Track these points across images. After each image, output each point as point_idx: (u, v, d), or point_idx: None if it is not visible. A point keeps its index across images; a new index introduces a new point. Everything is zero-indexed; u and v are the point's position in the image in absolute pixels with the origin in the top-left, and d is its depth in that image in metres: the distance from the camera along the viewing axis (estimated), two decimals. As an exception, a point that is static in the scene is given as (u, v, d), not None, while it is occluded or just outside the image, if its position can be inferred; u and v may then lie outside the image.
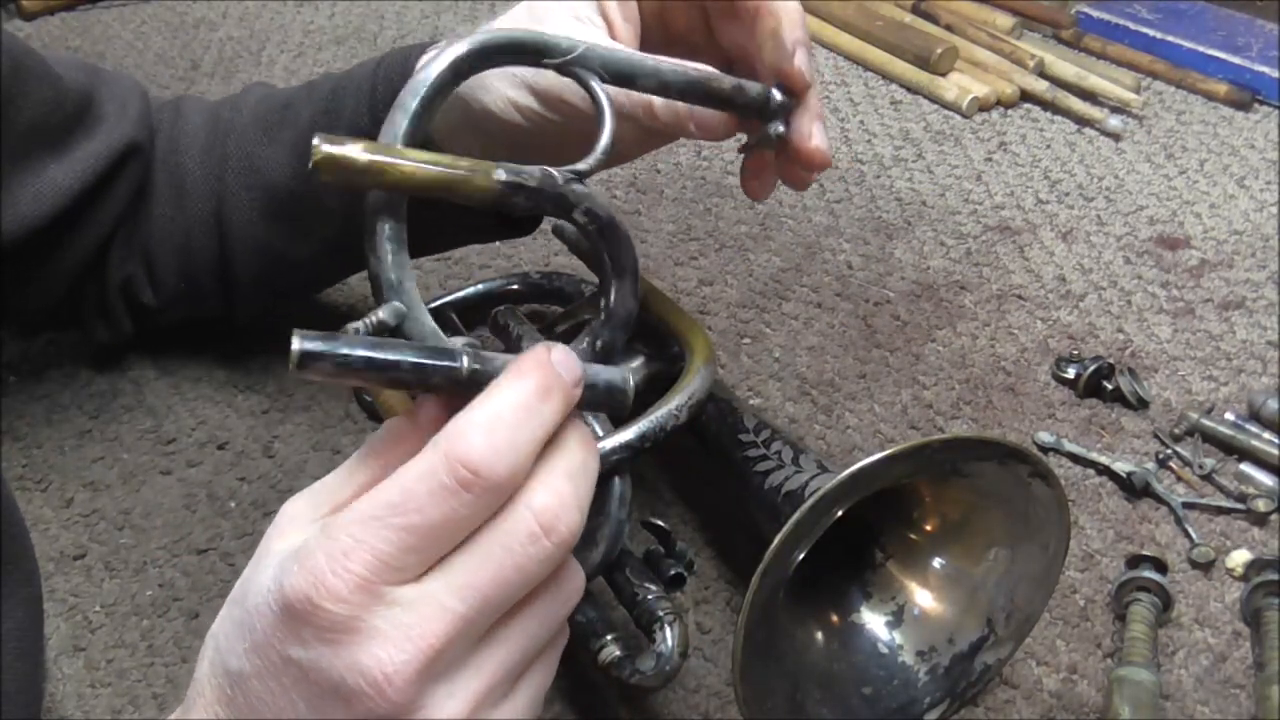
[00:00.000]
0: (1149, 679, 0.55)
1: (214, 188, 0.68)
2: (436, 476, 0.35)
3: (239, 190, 0.68)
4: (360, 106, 0.64)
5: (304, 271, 0.71)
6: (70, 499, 0.67)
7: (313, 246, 0.68)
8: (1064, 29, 1.19)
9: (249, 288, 0.71)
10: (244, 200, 0.68)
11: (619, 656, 0.50)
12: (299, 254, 0.69)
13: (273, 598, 0.35)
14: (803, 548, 0.48)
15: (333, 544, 0.35)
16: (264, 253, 0.69)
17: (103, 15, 1.25)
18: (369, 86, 0.64)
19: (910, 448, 0.47)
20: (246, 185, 0.68)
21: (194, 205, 0.69)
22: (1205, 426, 0.71)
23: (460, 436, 0.36)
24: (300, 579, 0.35)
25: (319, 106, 0.66)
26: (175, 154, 0.70)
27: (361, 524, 0.35)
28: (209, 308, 0.72)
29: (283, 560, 0.36)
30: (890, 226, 0.91)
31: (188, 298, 0.71)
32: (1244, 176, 0.98)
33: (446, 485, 0.35)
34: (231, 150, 0.68)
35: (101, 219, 0.68)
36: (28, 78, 0.63)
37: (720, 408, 0.60)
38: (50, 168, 0.65)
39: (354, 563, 0.35)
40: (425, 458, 0.36)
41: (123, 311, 0.72)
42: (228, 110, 0.70)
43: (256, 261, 0.69)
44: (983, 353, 0.78)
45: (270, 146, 0.67)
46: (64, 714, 0.56)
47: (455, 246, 0.78)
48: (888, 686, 0.54)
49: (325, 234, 0.67)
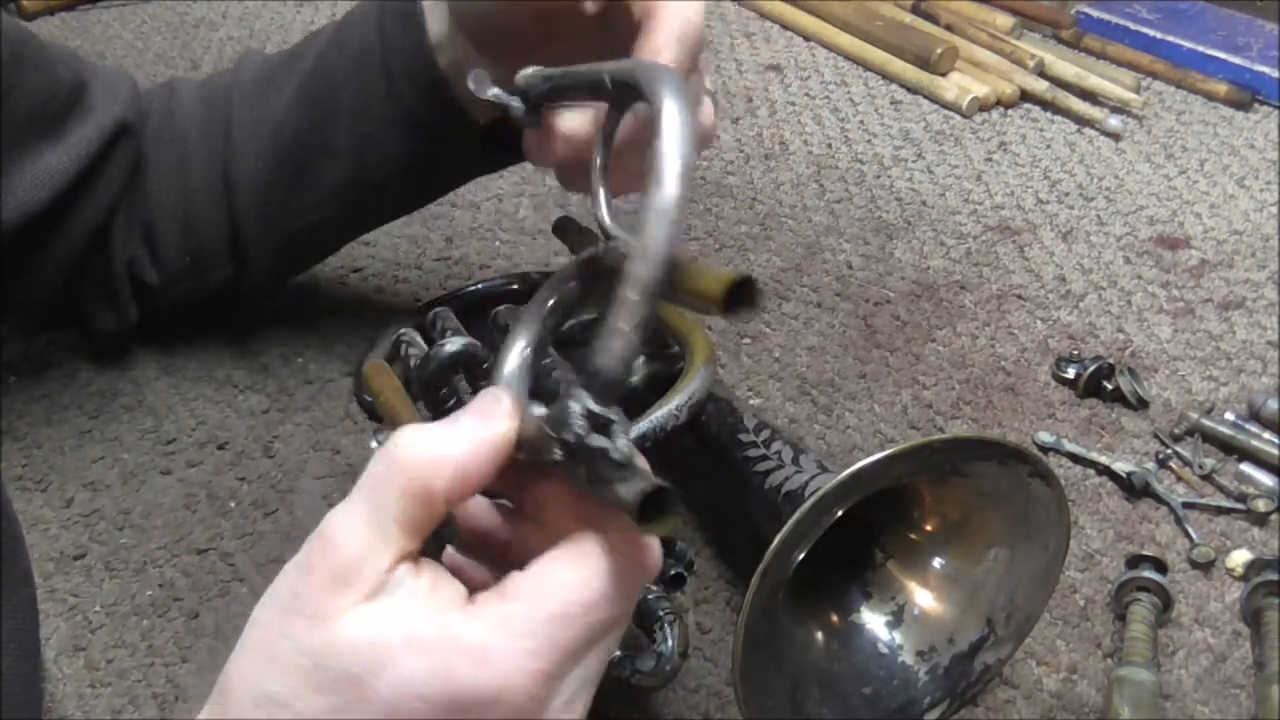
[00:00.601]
0: (1149, 679, 0.55)
1: (218, 152, 0.69)
2: (630, 585, 0.37)
3: (245, 145, 0.68)
4: (368, 31, 0.65)
5: (313, 224, 0.71)
6: (70, 499, 0.67)
7: (321, 193, 0.69)
8: (1064, 29, 1.19)
9: (258, 248, 0.71)
10: (250, 153, 0.68)
11: (619, 656, 0.50)
12: (308, 201, 0.69)
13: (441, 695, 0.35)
14: (803, 548, 0.48)
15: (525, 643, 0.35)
16: (273, 203, 0.69)
17: (103, 15, 1.25)
18: (377, 13, 0.65)
19: (910, 448, 0.47)
20: (253, 136, 0.68)
21: (196, 174, 0.69)
22: (1205, 426, 0.71)
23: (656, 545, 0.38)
24: (492, 683, 0.35)
25: (323, 43, 0.67)
26: (172, 127, 0.70)
27: (558, 625, 0.36)
28: (216, 279, 0.72)
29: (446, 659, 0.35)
30: (890, 226, 0.91)
31: (193, 270, 0.72)
32: (1244, 176, 0.98)
33: (633, 593, 0.37)
34: (236, 111, 0.69)
35: (98, 201, 0.69)
36: (25, 67, 0.65)
37: (720, 408, 0.60)
38: (46, 154, 0.66)
39: (545, 663, 0.35)
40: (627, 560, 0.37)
41: (128, 295, 0.72)
42: (225, 79, 0.71)
43: (265, 216, 0.70)
44: (983, 353, 0.78)
45: (276, 94, 0.68)
46: (64, 714, 0.56)
47: (453, 188, 0.77)
48: (888, 686, 0.54)
49: (334, 178, 0.68)
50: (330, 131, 0.67)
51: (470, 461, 0.37)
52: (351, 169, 0.67)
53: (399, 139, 0.66)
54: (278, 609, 0.37)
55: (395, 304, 0.82)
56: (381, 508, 0.37)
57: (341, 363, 0.76)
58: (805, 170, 0.98)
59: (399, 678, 0.35)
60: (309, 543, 0.38)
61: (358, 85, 0.65)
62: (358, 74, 0.65)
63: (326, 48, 0.67)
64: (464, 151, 0.67)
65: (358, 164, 0.67)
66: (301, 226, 0.70)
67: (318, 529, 0.38)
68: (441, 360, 0.61)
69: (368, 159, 0.67)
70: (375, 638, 0.36)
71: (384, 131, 0.66)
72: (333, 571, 0.36)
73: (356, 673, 0.35)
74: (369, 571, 0.36)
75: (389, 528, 0.37)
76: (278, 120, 0.68)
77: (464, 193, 0.93)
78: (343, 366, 0.76)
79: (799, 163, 0.99)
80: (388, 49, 0.64)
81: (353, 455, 0.69)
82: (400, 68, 0.64)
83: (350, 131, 0.66)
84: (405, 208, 0.76)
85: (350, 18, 0.67)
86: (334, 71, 0.66)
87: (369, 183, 0.68)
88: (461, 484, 0.37)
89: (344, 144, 0.66)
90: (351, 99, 0.66)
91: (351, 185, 0.68)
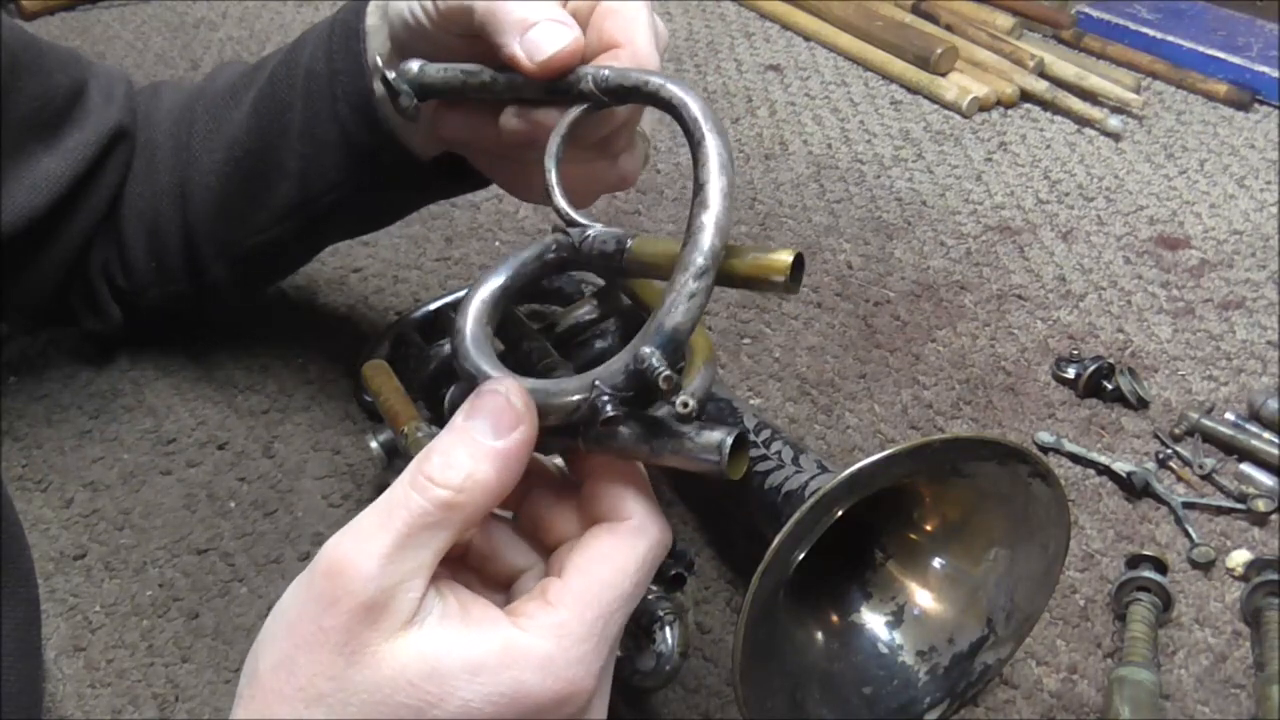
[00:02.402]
0: (1149, 679, 0.55)
1: (181, 157, 0.68)
2: (653, 564, 0.40)
3: (202, 154, 0.67)
4: (317, 51, 0.63)
5: (266, 242, 0.69)
6: (70, 499, 0.67)
7: (272, 212, 0.67)
8: (1064, 29, 1.19)
9: (212, 260, 0.70)
10: (205, 163, 0.67)
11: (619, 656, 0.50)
12: (260, 219, 0.67)
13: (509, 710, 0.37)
14: (803, 548, 0.48)
15: (582, 648, 0.38)
16: (224, 218, 0.68)
17: (103, 15, 1.25)
18: (325, 35, 0.64)
19: (910, 448, 0.47)
20: (209, 148, 0.67)
21: (162, 178, 0.69)
22: (1205, 426, 0.71)
23: (661, 520, 0.41)
24: (560, 689, 0.37)
25: (279, 59, 0.66)
26: (149, 130, 0.70)
27: (605, 620, 0.39)
28: (178, 289, 0.71)
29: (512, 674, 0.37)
30: (890, 226, 0.91)
31: (157, 278, 0.71)
32: (1244, 176, 0.98)
33: (655, 567, 0.41)
34: (199, 116, 0.68)
35: (94, 205, 0.69)
36: (22, 73, 0.64)
37: (720, 408, 0.60)
38: (44, 159, 0.66)
39: (601, 657, 0.38)
40: (645, 545, 0.40)
41: (107, 297, 0.72)
42: (202, 84, 0.71)
43: (217, 229, 0.68)
44: (983, 353, 0.78)
45: (235, 107, 0.67)
46: (64, 714, 0.56)
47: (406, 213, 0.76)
48: (888, 686, 0.54)
49: (284, 198, 0.66)
50: (281, 151, 0.65)
51: (501, 478, 0.39)
52: (300, 190, 0.65)
53: (342, 163, 0.64)
54: (298, 645, 0.37)
55: (395, 304, 0.82)
56: (415, 540, 0.37)
57: (341, 363, 0.76)
58: (805, 170, 0.98)
59: (464, 704, 0.36)
60: (319, 577, 0.37)
61: (305, 105, 0.63)
62: (306, 94, 0.63)
63: (279, 65, 0.65)
64: (407, 178, 0.65)
65: (304, 185, 0.65)
66: (255, 243, 0.68)
67: (324, 559, 0.37)
68: (441, 360, 0.61)
69: (314, 181, 0.65)
70: (430, 669, 0.36)
71: (328, 154, 0.64)
72: (364, 605, 0.36)
73: (417, 705, 0.36)
74: (403, 602, 0.37)
75: (422, 557, 0.37)
76: (233, 134, 0.66)
77: (464, 193, 0.93)
78: (343, 366, 0.76)
79: (799, 163, 0.99)
80: (332, 70, 0.62)
81: (353, 455, 0.69)
82: (342, 90, 0.62)
83: (298, 154, 0.64)
84: (359, 229, 0.75)
85: (305, 35, 0.66)
86: (285, 90, 0.64)
87: (316, 205, 0.65)
88: (495, 502, 0.39)
89: (292, 165, 0.64)
90: (300, 119, 0.63)
91: (300, 206, 0.66)
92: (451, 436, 0.39)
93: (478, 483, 0.38)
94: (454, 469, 0.38)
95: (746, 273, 0.41)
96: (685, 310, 0.39)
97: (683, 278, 0.39)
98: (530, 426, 0.39)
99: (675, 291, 0.39)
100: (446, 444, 0.39)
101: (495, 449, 0.38)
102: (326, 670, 0.36)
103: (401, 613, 0.37)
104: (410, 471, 0.38)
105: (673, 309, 0.39)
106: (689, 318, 0.39)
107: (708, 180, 0.40)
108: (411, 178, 0.65)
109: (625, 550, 0.40)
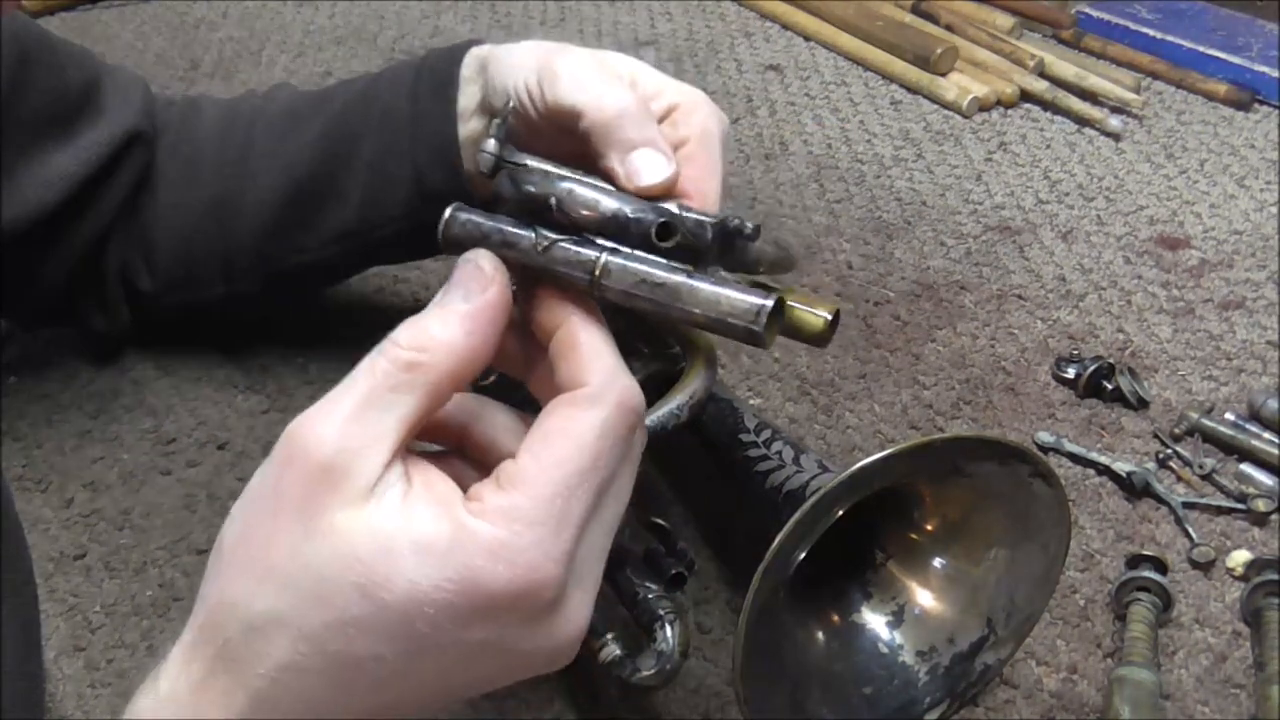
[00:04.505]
0: (1149, 679, 0.55)
1: (232, 175, 0.69)
2: (618, 432, 0.37)
3: (260, 174, 0.68)
4: (399, 88, 0.65)
5: (308, 263, 0.70)
6: (70, 499, 0.67)
7: (323, 236, 0.69)
8: (1064, 29, 1.19)
9: (249, 275, 0.71)
10: (264, 184, 0.68)
11: (619, 655, 0.50)
12: (309, 241, 0.69)
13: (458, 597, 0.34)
14: (803, 547, 0.48)
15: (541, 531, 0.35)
16: (274, 236, 0.69)
17: (103, 15, 1.25)
18: (411, 76, 0.65)
19: (910, 447, 0.47)
20: (269, 168, 0.68)
21: (205, 191, 0.70)
22: (1205, 426, 0.71)
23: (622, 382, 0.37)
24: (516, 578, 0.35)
25: (355, 92, 0.68)
26: (189, 144, 0.70)
27: (564, 499, 0.36)
28: (206, 296, 0.72)
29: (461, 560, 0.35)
30: (890, 226, 0.91)
31: (186, 284, 0.72)
32: (1244, 176, 0.98)
33: (624, 436, 0.37)
34: (258, 139, 0.69)
35: (105, 206, 0.69)
36: (34, 67, 0.65)
37: (720, 408, 0.60)
38: (55, 156, 0.66)
39: (563, 542, 0.35)
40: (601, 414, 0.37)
41: (120, 299, 0.72)
42: (252, 104, 0.72)
43: (264, 246, 0.70)
44: (983, 353, 0.78)
45: (299, 131, 0.68)
46: (64, 714, 0.56)
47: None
48: (888, 686, 0.54)
49: (339, 224, 0.68)
50: (344, 178, 0.67)
51: (474, 341, 0.37)
52: (357, 219, 0.67)
53: (407, 198, 0.66)
54: (258, 514, 0.36)
55: (395, 304, 0.82)
56: (381, 403, 0.36)
57: (341, 363, 0.76)
58: (805, 170, 0.98)
59: (411, 586, 0.34)
60: (280, 444, 0.36)
61: (379, 139, 0.66)
62: (380, 128, 0.66)
63: (356, 97, 0.68)
64: None
65: (363, 215, 0.67)
66: (296, 263, 0.70)
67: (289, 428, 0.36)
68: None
69: (374, 212, 0.67)
70: (380, 546, 0.35)
71: (395, 188, 0.66)
72: (320, 467, 0.35)
73: (363, 583, 0.34)
74: (363, 470, 0.35)
75: (385, 423, 0.36)
76: (296, 157, 0.68)
77: (464, 193, 0.93)
78: (342, 366, 0.75)
79: (799, 163, 0.99)
80: (416, 111, 0.64)
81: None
82: (424, 132, 0.64)
83: (363, 183, 0.66)
84: (404, 258, 0.76)
85: (386, 73, 0.68)
86: (359, 122, 0.66)
87: (371, 235, 0.68)
88: (471, 368, 0.37)
89: (355, 194, 0.67)
90: (371, 153, 0.66)
91: (354, 234, 0.68)
92: (427, 309, 0.38)
93: (442, 343, 0.37)
94: (420, 333, 0.37)
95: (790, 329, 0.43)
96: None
97: None
98: (500, 287, 0.38)
99: None
100: (420, 315, 0.38)
101: (462, 310, 0.38)
102: (284, 540, 0.35)
103: (360, 480, 0.35)
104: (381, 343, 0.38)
105: None
106: None
107: None
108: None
109: (580, 421, 0.37)
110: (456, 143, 0.63)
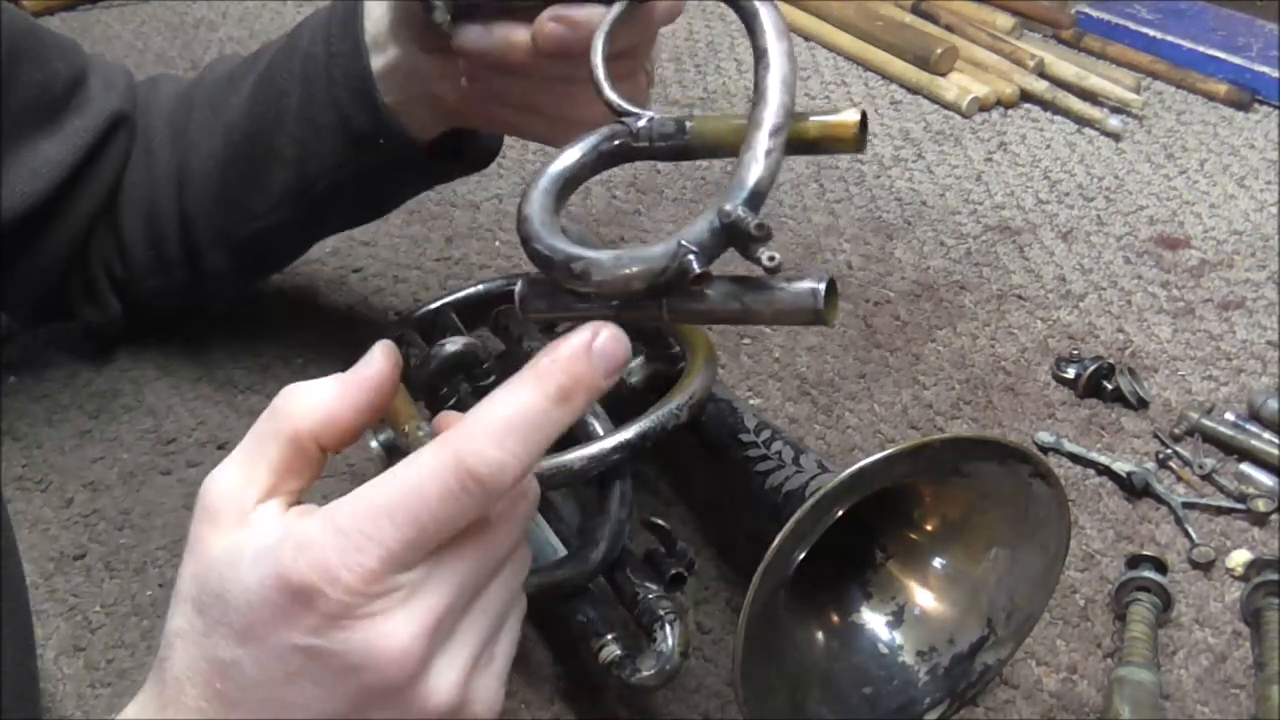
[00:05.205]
0: (1149, 679, 0.55)
1: (178, 144, 0.69)
2: (445, 480, 0.36)
3: (200, 141, 0.68)
4: (315, 34, 0.64)
5: (262, 229, 0.69)
6: (70, 499, 0.67)
7: (269, 199, 0.67)
8: (1064, 29, 1.19)
9: (210, 249, 0.70)
10: (204, 150, 0.68)
11: (619, 656, 0.50)
12: (256, 206, 0.68)
13: (272, 591, 0.36)
14: (803, 547, 0.48)
15: (344, 540, 0.36)
16: (222, 205, 0.68)
17: (103, 15, 1.25)
18: (325, 17, 0.64)
19: (910, 448, 0.47)
20: (207, 135, 0.68)
21: (159, 167, 0.69)
22: (1205, 426, 0.71)
23: (472, 441, 0.37)
24: (311, 572, 0.36)
25: (278, 46, 0.67)
26: (146, 122, 0.70)
27: (372, 520, 0.36)
28: (176, 278, 0.72)
29: (276, 554, 0.37)
30: (890, 226, 0.91)
31: (155, 266, 0.71)
32: (1244, 176, 0.98)
33: (454, 490, 0.36)
34: (197, 103, 0.69)
35: (95, 191, 0.69)
36: (21, 59, 0.65)
37: (720, 408, 0.60)
38: (43, 146, 0.67)
39: (365, 557, 0.36)
40: (436, 457, 0.37)
41: (106, 288, 0.72)
42: (201, 74, 0.71)
43: (215, 216, 0.69)
44: (983, 353, 0.78)
45: (233, 95, 0.67)
46: (64, 714, 0.56)
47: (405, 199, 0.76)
48: (888, 686, 0.54)
49: (281, 185, 0.66)
50: (277, 137, 0.65)
51: (338, 403, 0.41)
52: (296, 176, 0.66)
53: (339, 147, 0.64)
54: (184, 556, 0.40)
55: (395, 304, 0.82)
56: (256, 451, 0.40)
57: (341, 363, 0.76)
58: (805, 170, 0.98)
59: (244, 585, 0.37)
60: None
61: (302, 90, 0.64)
62: (303, 78, 0.64)
63: (278, 51, 0.66)
64: (405, 161, 0.65)
65: (301, 171, 0.66)
66: (252, 230, 0.69)
67: None
68: (441, 360, 0.61)
69: (311, 167, 0.65)
70: (231, 558, 0.38)
71: (325, 139, 0.64)
72: (207, 509, 0.39)
73: (219, 590, 0.37)
74: (235, 505, 0.39)
75: (258, 468, 0.39)
76: (230, 122, 0.67)
77: (464, 192, 0.93)
78: (342, 366, 0.75)
79: (799, 162, 0.99)
80: (330, 53, 0.63)
81: (352, 455, 0.69)
82: (339, 73, 0.62)
83: (295, 139, 0.65)
84: (358, 217, 0.75)
85: (304, 21, 0.66)
86: (283, 76, 0.65)
87: (314, 191, 0.66)
88: (330, 426, 0.40)
89: (289, 151, 0.65)
90: (297, 104, 0.64)
91: (298, 193, 0.66)
92: None
93: (304, 402, 0.41)
94: (299, 393, 0.41)
95: (816, 135, 0.42)
96: (765, 166, 0.39)
97: (758, 135, 0.40)
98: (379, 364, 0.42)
99: (752, 149, 0.40)
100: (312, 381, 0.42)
101: (337, 377, 0.42)
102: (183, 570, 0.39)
103: (233, 516, 0.39)
104: None
105: (751, 164, 0.40)
106: (769, 172, 0.39)
107: (768, 46, 0.41)
108: (410, 160, 0.65)
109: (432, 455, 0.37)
110: (372, 77, 0.61)
